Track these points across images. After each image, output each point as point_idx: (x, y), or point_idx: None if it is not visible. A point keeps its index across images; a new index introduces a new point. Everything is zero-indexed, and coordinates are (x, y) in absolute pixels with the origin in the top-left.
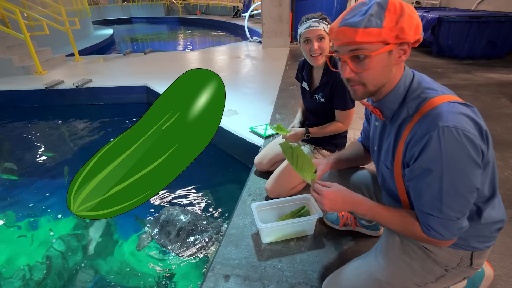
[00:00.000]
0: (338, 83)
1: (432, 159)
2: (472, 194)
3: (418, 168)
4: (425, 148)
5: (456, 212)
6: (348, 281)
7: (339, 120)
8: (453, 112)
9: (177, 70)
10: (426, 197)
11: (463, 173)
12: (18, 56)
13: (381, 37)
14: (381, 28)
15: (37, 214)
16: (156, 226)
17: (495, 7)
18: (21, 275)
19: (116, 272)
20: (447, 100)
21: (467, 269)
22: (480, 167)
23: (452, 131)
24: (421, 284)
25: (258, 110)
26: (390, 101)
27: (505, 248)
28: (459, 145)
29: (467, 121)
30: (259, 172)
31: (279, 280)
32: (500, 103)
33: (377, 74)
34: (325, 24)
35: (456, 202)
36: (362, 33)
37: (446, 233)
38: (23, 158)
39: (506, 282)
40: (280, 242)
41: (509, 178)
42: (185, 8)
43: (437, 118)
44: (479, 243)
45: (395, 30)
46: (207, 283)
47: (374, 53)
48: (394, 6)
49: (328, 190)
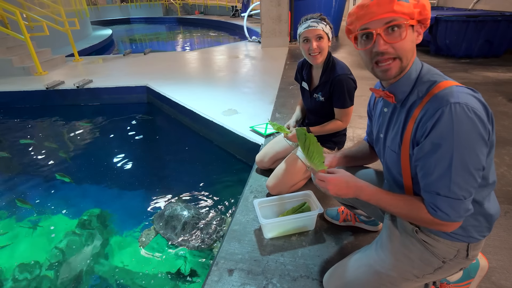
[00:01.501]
0: (337, 82)
1: (444, 134)
2: (478, 173)
3: (429, 143)
4: (437, 122)
5: (463, 191)
6: (349, 274)
7: (338, 118)
8: (462, 92)
9: (177, 70)
10: (435, 174)
11: (472, 149)
12: (18, 56)
13: (410, 10)
14: (409, 3)
15: (37, 214)
16: (161, 221)
17: (492, 6)
18: (24, 273)
19: (120, 269)
20: (455, 84)
21: (463, 260)
22: (487, 146)
23: (464, 107)
24: (419, 275)
25: (258, 109)
26: (404, 84)
27: (500, 242)
28: (469, 121)
29: (476, 101)
30: (260, 170)
31: (281, 273)
32: (497, 101)
33: (409, 46)
34: (324, 24)
35: (464, 179)
36: (397, 3)
37: (453, 213)
38: (24, 158)
39: (501, 274)
40: (282, 237)
41: (504, 174)
42: (184, 8)
43: (448, 95)
44: (477, 232)
45: (418, 7)
46: (212, 277)
47: (409, 22)
48: None
49: (332, 176)
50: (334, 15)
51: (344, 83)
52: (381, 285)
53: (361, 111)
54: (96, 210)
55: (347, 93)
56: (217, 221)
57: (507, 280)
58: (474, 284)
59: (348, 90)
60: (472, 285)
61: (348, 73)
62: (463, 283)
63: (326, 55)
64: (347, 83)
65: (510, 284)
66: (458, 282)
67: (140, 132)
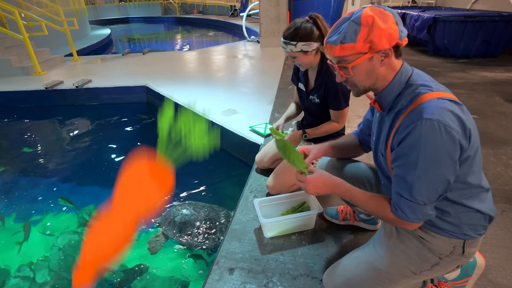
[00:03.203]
0: (331, 85)
1: (411, 145)
2: (441, 184)
3: (399, 151)
4: (408, 135)
5: (423, 197)
6: (348, 271)
7: (334, 120)
8: (439, 107)
9: (176, 70)
10: (401, 178)
11: (436, 163)
12: (16, 56)
13: (355, 50)
14: (354, 43)
15: (38, 214)
16: (168, 224)
17: (490, 6)
18: (23, 274)
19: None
20: (438, 96)
21: (459, 257)
22: (454, 162)
23: (434, 124)
24: (417, 272)
25: (257, 109)
26: (387, 95)
27: (497, 240)
28: (437, 137)
29: (451, 116)
30: (259, 170)
31: (281, 272)
32: (494, 101)
33: (361, 77)
34: (292, 45)
35: (425, 189)
36: (339, 49)
37: (411, 215)
38: (23, 158)
39: (498, 272)
40: (282, 236)
41: (501, 174)
42: (182, 7)
43: (423, 111)
44: (471, 230)
45: (367, 43)
46: (213, 276)
47: (351, 64)
48: (366, 21)
49: (310, 177)
50: (332, 15)
51: (338, 85)
52: (379, 281)
53: (359, 111)
54: (96, 209)
55: (341, 95)
56: (220, 221)
57: (504, 278)
58: (472, 282)
59: (343, 92)
60: (470, 283)
61: None
62: (461, 281)
63: (319, 59)
64: (341, 85)
65: (506, 282)
66: (455, 280)
67: (140, 132)
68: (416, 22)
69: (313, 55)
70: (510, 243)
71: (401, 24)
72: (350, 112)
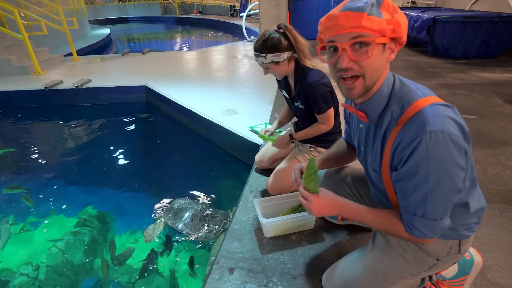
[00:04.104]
0: (309, 90)
1: (420, 162)
2: (455, 196)
3: (407, 170)
4: (414, 152)
5: (439, 212)
6: (346, 273)
7: (320, 122)
8: (437, 115)
9: (176, 70)
10: (412, 198)
11: (448, 175)
12: (16, 56)
13: (381, 26)
14: (381, 18)
15: (39, 213)
16: (170, 212)
17: (489, 7)
18: (26, 273)
19: (121, 266)
20: (430, 103)
21: (456, 255)
22: (463, 170)
23: (439, 136)
24: (415, 273)
25: (257, 109)
26: (376, 103)
27: (495, 240)
28: (445, 149)
29: (452, 123)
30: (259, 170)
31: (281, 272)
32: (493, 101)
33: (376, 64)
34: (263, 56)
35: (440, 203)
36: (367, 18)
37: (428, 232)
38: (23, 158)
39: (496, 272)
40: (282, 236)
41: (500, 174)
42: (182, 7)
43: (423, 123)
44: (466, 230)
45: (392, 23)
46: (213, 276)
47: (377, 40)
48: (388, 5)
49: (315, 197)
50: None
51: (315, 90)
52: (378, 283)
53: None
54: (95, 209)
55: (320, 98)
56: (222, 216)
57: (502, 277)
58: (470, 281)
59: (322, 96)
60: (468, 281)
61: (318, 79)
62: (459, 280)
63: (293, 67)
64: (319, 89)
65: (505, 282)
66: (453, 278)
67: (139, 132)
68: (415, 22)
69: (285, 64)
70: (509, 243)
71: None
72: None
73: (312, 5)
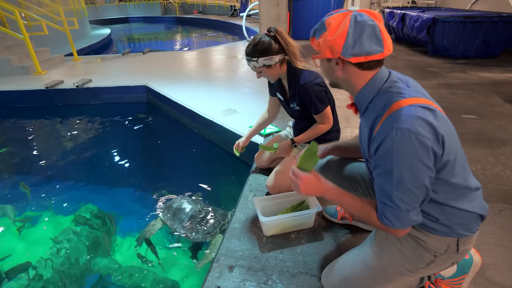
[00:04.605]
0: (303, 92)
1: (384, 155)
2: (419, 190)
3: (375, 161)
4: (380, 145)
5: (405, 204)
6: (346, 270)
7: (319, 122)
8: (410, 115)
9: (176, 69)
10: (381, 187)
11: (410, 170)
12: (17, 56)
13: (317, 47)
14: (317, 40)
15: (38, 212)
16: (168, 212)
17: (489, 7)
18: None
19: (122, 264)
20: (410, 103)
21: (454, 254)
22: (428, 168)
23: (404, 133)
24: (413, 270)
25: (257, 109)
26: (360, 99)
27: (495, 239)
28: (408, 146)
29: (422, 124)
30: (259, 169)
31: (281, 270)
32: (493, 101)
33: (324, 72)
34: (255, 60)
35: (405, 195)
36: (311, 40)
37: (396, 222)
38: (24, 157)
39: (495, 271)
40: (281, 235)
41: (500, 174)
42: (182, 7)
43: (394, 120)
44: (464, 230)
45: (319, 46)
46: (213, 274)
47: (315, 56)
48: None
49: (306, 175)
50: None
51: (309, 91)
52: (376, 280)
53: None
54: (96, 208)
55: (315, 99)
56: (220, 216)
57: (501, 276)
58: (468, 280)
59: (316, 96)
60: (466, 280)
61: (311, 79)
62: (457, 279)
63: (286, 69)
64: (312, 89)
65: (503, 280)
66: (452, 277)
67: (140, 132)
68: (415, 22)
69: (277, 67)
70: (507, 242)
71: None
72: (350, 112)
73: (312, 5)
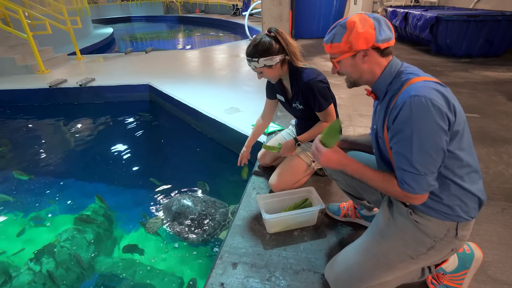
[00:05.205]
0: (307, 90)
1: (404, 121)
2: (438, 153)
3: (394, 129)
4: (399, 112)
5: (423, 167)
6: (348, 259)
7: (323, 120)
8: (425, 86)
9: (178, 68)
10: (400, 153)
11: (429, 133)
12: (20, 55)
13: (340, 49)
14: (339, 43)
15: (40, 210)
16: (168, 215)
17: (493, 6)
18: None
19: (123, 263)
20: (424, 79)
21: (453, 239)
22: (444, 131)
23: (421, 99)
24: (414, 256)
25: (259, 108)
26: (380, 85)
27: (497, 237)
28: (426, 110)
29: (436, 93)
30: (262, 167)
31: (284, 267)
32: (496, 100)
33: (348, 70)
34: (255, 61)
35: (424, 158)
36: (329, 47)
37: (416, 186)
38: (26, 155)
39: (497, 268)
40: (284, 232)
41: (502, 172)
42: (184, 6)
43: (411, 89)
44: (464, 212)
45: (348, 43)
46: (216, 270)
47: (336, 59)
48: (350, 25)
49: (327, 150)
50: (335, 14)
51: (313, 88)
52: (379, 267)
53: (361, 109)
54: (99, 206)
55: (319, 96)
56: (221, 217)
57: (503, 273)
58: (470, 275)
59: (320, 93)
60: (468, 275)
61: (314, 77)
62: (459, 274)
63: (287, 69)
64: (316, 86)
65: (506, 278)
66: (454, 272)
67: (143, 130)
68: (418, 21)
69: (278, 67)
70: (510, 240)
71: (382, 29)
72: (352, 111)
73: (315, 4)
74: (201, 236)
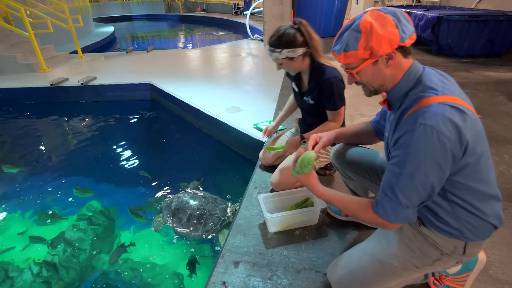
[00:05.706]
0: (326, 87)
1: (403, 147)
2: (425, 189)
3: (393, 151)
4: (401, 136)
5: (406, 199)
6: (352, 263)
7: (331, 120)
8: (437, 113)
9: (180, 67)
10: (389, 178)
11: (423, 168)
12: (22, 53)
13: (358, 57)
14: (356, 50)
15: (42, 209)
16: (168, 212)
17: (494, 6)
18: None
19: (124, 261)
20: (441, 101)
21: (460, 256)
22: (441, 170)
23: (427, 129)
24: (419, 265)
25: (261, 107)
26: (394, 95)
27: (498, 237)
28: (428, 143)
29: (447, 124)
30: (263, 166)
31: (285, 266)
32: (498, 100)
33: (369, 79)
34: (278, 52)
35: (409, 190)
36: (343, 57)
37: (393, 215)
38: (28, 154)
39: (498, 268)
40: (286, 231)
41: (503, 173)
42: (186, 5)
43: (420, 115)
44: (473, 235)
45: (368, 49)
46: (218, 269)
47: (355, 69)
48: (365, 28)
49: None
50: (336, 13)
51: (334, 86)
52: (383, 273)
53: (362, 109)
54: (100, 204)
55: (337, 95)
56: (221, 212)
57: (504, 273)
58: (473, 277)
59: (338, 92)
60: (471, 277)
61: (336, 75)
62: (462, 275)
63: (308, 63)
64: (337, 85)
65: (507, 278)
66: (457, 274)
67: (144, 129)
68: (420, 21)
69: (300, 60)
70: (511, 240)
71: (403, 24)
72: (353, 111)
73: (316, 4)
74: (202, 232)
